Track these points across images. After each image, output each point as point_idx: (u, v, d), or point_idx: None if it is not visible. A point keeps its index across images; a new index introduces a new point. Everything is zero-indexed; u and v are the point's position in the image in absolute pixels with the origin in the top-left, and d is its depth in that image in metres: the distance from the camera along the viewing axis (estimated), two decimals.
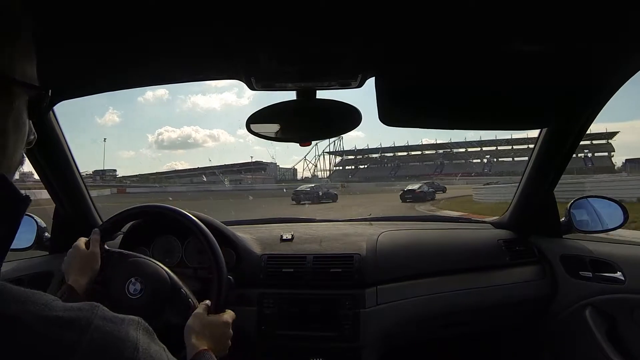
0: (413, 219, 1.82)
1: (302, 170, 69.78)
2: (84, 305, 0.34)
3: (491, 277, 1.25)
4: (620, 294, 1.07)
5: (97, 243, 0.95)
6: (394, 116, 0.88)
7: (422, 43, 0.77)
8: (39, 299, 0.33)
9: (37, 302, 0.32)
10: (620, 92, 0.91)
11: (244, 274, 1.17)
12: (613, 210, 1.26)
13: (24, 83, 0.39)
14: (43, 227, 1.27)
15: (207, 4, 0.59)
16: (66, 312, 0.33)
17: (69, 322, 0.32)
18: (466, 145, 66.80)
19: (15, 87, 0.38)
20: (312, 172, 68.86)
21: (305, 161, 70.18)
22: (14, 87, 0.38)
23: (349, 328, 1.10)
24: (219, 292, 0.92)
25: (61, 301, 0.34)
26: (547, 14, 0.64)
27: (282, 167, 72.02)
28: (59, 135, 1.13)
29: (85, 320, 0.33)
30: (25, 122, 0.41)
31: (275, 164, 71.23)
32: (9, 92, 0.38)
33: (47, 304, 0.33)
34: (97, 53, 0.76)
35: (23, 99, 0.40)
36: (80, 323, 0.32)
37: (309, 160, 70.94)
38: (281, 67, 0.77)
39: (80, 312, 0.33)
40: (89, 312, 0.34)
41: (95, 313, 0.34)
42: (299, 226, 1.46)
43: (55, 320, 0.32)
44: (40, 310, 0.32)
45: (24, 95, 0.40)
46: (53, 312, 0.32)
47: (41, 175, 1.18)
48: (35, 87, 0.41)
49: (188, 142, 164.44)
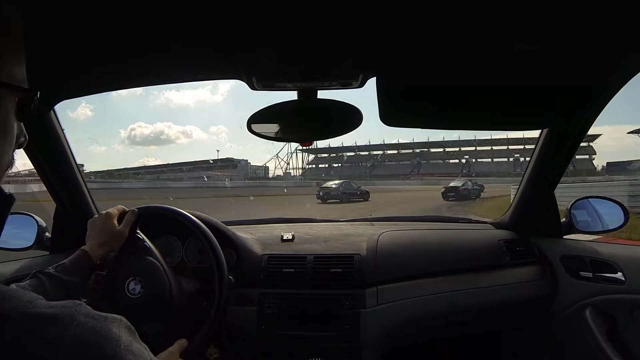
0: (413, 219, 1.82)
1: (274, 168, 67.61)
2: (67, 303, 0.35)
3: (492, 278, 1.25)
4: (620, 294, 1.07)
5: (129, 224, 0.94)
6: (395, 116, 0.88)
7: (423, 43, 0.77)
8: (23, 296, 0.34)
9: (21, 299, 0.33)
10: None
11: (244, 274, 1.17)
12: (613, 210, 1.26)
13: (10, 85, 0.38)
14: (43, 226, 1.27)
15: (208, 3, 0.59)
16: (50, 309, 0.33)
17: (53, 318, 0.33)
18: (444, 144, 66.09)
19: (2, 89, 0.37)
20: (284, 170, 66.57)
21: (277, 159, 67.57)
22: (0, 89, 0.37)
23: (349, 328, 1.10)
24: (220, 292, 0.92)
25: (44, 299, 0.35)
26: (547, 14, 0.64)
27: (253, 165, 69.49)
28: (59, 134, 1.13)
29: (68, 317, 0.33)
30: (14, 125, 0.40)
31: (246, 160, 68.54)
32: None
33: (31, 301, 0.33)
34: (97, 53, 0.76)
35: (11, 101, 0.39)
36: (64, 320, 0.33)
37: (281, 157, 68.58)
38: (282, 67, 0.77)
39: (64, 309, 0.34)
40: (72, 309, 0.34)
41: (78, 310, 0.34)
42: (299, 226, 1.46)
43: (39, 317, 0.32)
44: (24, 307, 0.32)
45: (11, 97, 0.39)
46: (37, 309, 0.33)
47: (41, 174, 1.18)
48: (22, 90, 0.40)
49: (161, 138, 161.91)
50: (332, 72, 0.83)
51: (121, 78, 0.94)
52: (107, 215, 0.94)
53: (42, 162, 1.14)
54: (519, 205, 1.35)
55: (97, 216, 0.95)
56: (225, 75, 0.90)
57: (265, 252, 1.23)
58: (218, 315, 0.91)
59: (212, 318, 0.91)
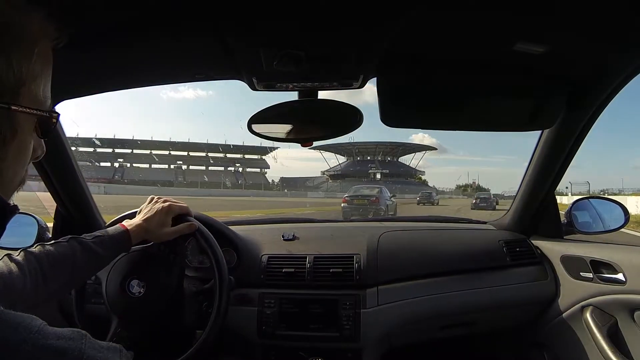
0: (414, 219, 1.82)
1: None
2: (73, 334, 0.35)
3: (492, 278, 1.25)
4: (621, 294, 1.07)
5: (179, 233, 0.91)
6: (395, 116, 0.88)
7: (423, 44, 0.77)
8: (31, 323, 0.33)
9: (30, 327, 0.33)
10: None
11: (244, 274, 1.17)
12: (614, 210, 1.26)
13: (29, 110, 0.38)
14: (44, 226, 1.27)
15: (209, 4, 0.59)
16: (58, 340, 0.33)
17: (62, 352, 0.33)
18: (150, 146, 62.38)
19: (19, 114, 0.37)
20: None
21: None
22: (17, 114, 0.37)
23: (350, 328, 1.10)
24: (220, 292, 0.92)
25: (49, 326, 0.34)
26: (548, 14, 0.64)
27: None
28: (59, 134, 1.13)
29: (77, 350, 0.33)
30: (29, 147, 0.40)
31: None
32: (10, 119, 0.37)
33: (39, 330, 0.33)
34: (97, 53, 0.76)
35: (29, 123, 0.39)
36: (73, 353, 0.33)
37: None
38: (283, 67, 0.77)
39: (72, 342, 0.34)
40: (79, 342, 0.34)
41: (85, 343, 0.35)
42: (299, 226, 1.46)
43: (48, 349, 0.32)
44: (34, 338, 0.32)
45: (30, 119, 0.39)
46: (46, 340, 0.33)
47: (42, 174, 1.18)
48: (42, 111, 0.40)
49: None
50: (332, 72, 0.83)
51: (121, 78, 0.94)
52: (170, 208, 0.90)
53: (43, 162, 1.14)
54: (520, 205, 1.35)
55: (158, 201, 0.91)
56: (225, 76, 0.90)
57: (266, 252, 1.23)
58: (219, 316, 0.91)
59: (213, 319, 0.91)
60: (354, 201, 11.94)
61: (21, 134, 0.38)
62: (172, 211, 0.91)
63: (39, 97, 0.40)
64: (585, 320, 1.14)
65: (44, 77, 0.40)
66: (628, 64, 0.81)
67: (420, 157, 78.51)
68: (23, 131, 0.38)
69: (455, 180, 72.33)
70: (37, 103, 0.39)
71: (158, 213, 0.89)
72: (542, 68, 0.83)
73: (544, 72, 0.84)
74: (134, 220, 0.88)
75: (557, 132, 1.10)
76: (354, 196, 12.41)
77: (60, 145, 1.15)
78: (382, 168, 75.18)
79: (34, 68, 0.38)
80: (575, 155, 1.14)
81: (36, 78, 0.39)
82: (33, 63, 0.38)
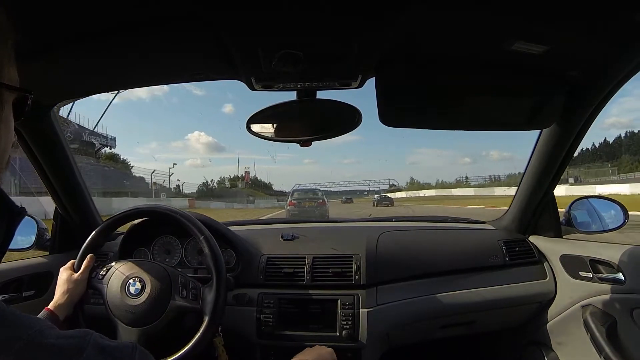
0: (413, 219, 1.82)
1: None
2: (77, 333, 0.35)
3: (491, 278, 1.25)
4: (620, 294, 1.07)
5: (87, 270, 0.93)
6: (394, 117, 0.88)
7: (421, 43, 0.77)
8: (33, 323, 0.33)
9: (32, 327, 0.33)
10: None
11: (243, 274, 1.17)
12: (613, 210, 1.25)
13: (10, 86, 0.40)
14: (44, 227, 1.28)
15: (207, 4, 0.59)
16: (58, 339, 0.33)
17: (59, 350, 0.33)
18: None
19: (4, 91, 0.39)
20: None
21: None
22: (3, 90, 0.39)
23: (349, 328, 1.10)
24: (218, 292, 0.92)
25: (55, 329, 0.34)
26: (547, 14, 0.65)
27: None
28: (59, 135, 1.13)
29: (76, 349, 0.33)
30: (12, 125, 0.42)
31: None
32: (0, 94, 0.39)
33: (41, 330, 0.33)
34: (96, 53, 0.76)
35: (10, 101, 0.41)
36: (71, 352, 0.33)
37: None
38: (281, 67, 0.77)
39: (73, 340, 0.34)
40: (81, 340, 0.34)
41: (88, 341, 0.34)
42: (299, 227, 1.46)
43: (45, 348, 0.32)
44: (32, 336, 0.32)
45: (10, 98, 0.41)
46: (45, 339, 0.33)
47: (41, 174, 1.18)
48: (21, 90, 0.42)
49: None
50: (331, 72, 0.83)
51: (120, 79, 0.94)
52: (62, 269, 0.95)
53: (42, 162, 1.14)
54: (519, 205, 1.35)
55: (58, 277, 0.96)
56: (224, 76, 0.90)
57: (265, 252, 1.23)
58: (216, 316, 0.91)
59: (210, 318, 0.91)
60: (302, 203, 12.66)
61: (6, 110, 0.40)
62: (65, 267, 0.94)
63: (13, 79, 0.42)
64: (584, 319, 1.14)
65: (13, 61, 0.42)
66: (626, 64, 0.81)
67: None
68: (7, 109, 0.40)
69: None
70: (13, 83, 0.41)
71: (59, 279, 0.92)
72: (541, 67, 0.83)
73: (542, 72, 0.84)
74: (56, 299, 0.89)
75: (556, 131, 1.09)
76: (300, 199, 13.21)
77: (59, 146, 1.15)
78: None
79: (8, 51, 0.40)
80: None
81: (10, 59, 0.41)
82: (7, 47, 0.40)
